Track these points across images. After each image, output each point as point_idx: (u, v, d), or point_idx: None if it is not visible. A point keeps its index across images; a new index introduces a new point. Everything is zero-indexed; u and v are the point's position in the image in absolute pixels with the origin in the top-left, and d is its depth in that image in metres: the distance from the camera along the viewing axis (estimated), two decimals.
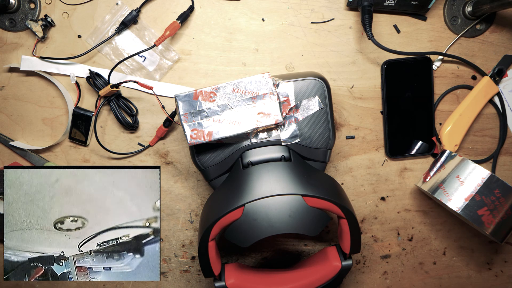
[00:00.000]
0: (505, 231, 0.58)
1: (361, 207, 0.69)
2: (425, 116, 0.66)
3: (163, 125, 0.64)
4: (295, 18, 0.64)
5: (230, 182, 0.56)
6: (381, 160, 0.68)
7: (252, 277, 0.59)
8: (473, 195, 0.57)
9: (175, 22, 0.61)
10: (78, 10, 0.63)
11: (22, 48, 0.63)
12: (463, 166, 0.60)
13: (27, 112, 0.65)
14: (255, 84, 0.54)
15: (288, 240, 0.70)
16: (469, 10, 0.64)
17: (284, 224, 0.51)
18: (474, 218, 0.57)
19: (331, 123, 0.57)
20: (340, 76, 0.66)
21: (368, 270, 0.71)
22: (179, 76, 0.64)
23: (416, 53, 0.63)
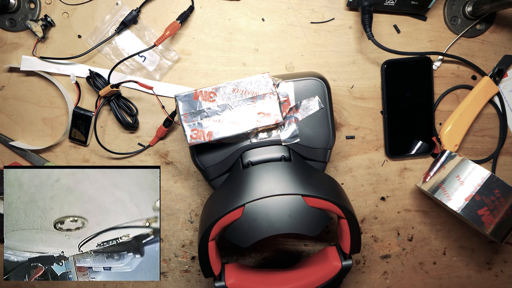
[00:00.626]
0: (505, 231, 0.58)
1: (361, 207, 0.69)
2: (425, 116, 0.66)
3: (163, 125, 0.64)
4: (295, 18, 0.64)
5: (230, 182, 0.56)
6: (381, 160, 0.68)
7: (252, 277, 0.59)
8: (473, 195, 0.57)
9: (175, 22, 0.61)
10: (78, 10, 0.63)
11: (22, 48, 0.63)
12: (463, 166, 0.60)
13: (27, 112, 0.65)
14: (255, 84, 0.54)
15: (288, 240, 0.70)
16: (469, 10, 0.64)
17: (284, 224, 0.51)
18: (474, 218, 0.57)
19: (331, 123, 0.57)
20: (340, 76, 0.66)
21: (368, 270, 0.71)
22: (179, 76, 0.64)
23: (416, 53, 0.63)
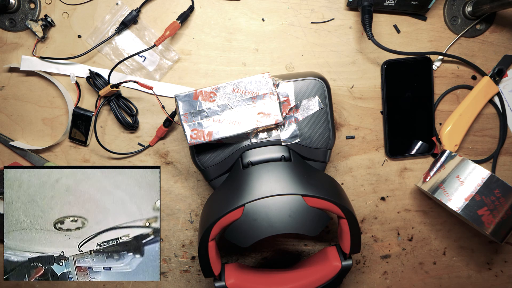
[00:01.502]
0: (505, 231, 0.58)
1: (361, 207, 0.69)
2: (425, 116, 0.66)
3: (163, 125, 0.64)
4: (295, 18, 0.64)
5: (230, 182, 0.56)
6: (381, 160, 0.68)
7: (252, 277, 0.59)
8: (473, 195, 0.57)
9: (175, 22, 0.61)
10: (78, 10, 0.63)
11: (22, 48, 0.63)
12: (463, 166, 0.60)
13: (27, 112, 0.65)
14: (255, 84, 0.54)
15: (288, 240, 0.70)
16: (469, 10, 0.64)
17: (284, 224, 0.51)
18: (474, 218, 0.57)
19: (331, 123, 0.57)
20: (340, 76, 0.66)
21: (368, 270, 0.71)
22: (179, 76, 0.64)
23: (416, 53, 0.63)
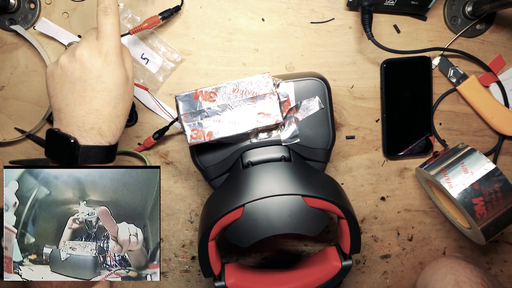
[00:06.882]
0: (493, 227, 0.58)
1: (361, 207, 0.69)
2: (424, 115, 0.66)
3: (152, 137, 0.63)
4: (295, 18, 0.64)
5: (230, 182, 0.56)
6: (381, 160, 0.68)
7: (252, 277, 0.59)
8: (472, 182, 0.57)
9: (156, 16, 0.60)
10: (78, 10, 0.63)
11: (22, 48, 0.63)
12: (470, 155, 0.59)
13: (27, 112, 0.65)
14: (255, 84, 0.54)
15: (288, 240, 0.70)
16: (469, 10, 0.64)
17: (284, 224, 0.51)
18: (467, 205, 0.57)
19: (331, 123, 0.57)
20: (340, 76, 0.66)
21: (368, 270, 0.71)
22: (179, 76, 0.64)
23: (416, 51, 0.63)
